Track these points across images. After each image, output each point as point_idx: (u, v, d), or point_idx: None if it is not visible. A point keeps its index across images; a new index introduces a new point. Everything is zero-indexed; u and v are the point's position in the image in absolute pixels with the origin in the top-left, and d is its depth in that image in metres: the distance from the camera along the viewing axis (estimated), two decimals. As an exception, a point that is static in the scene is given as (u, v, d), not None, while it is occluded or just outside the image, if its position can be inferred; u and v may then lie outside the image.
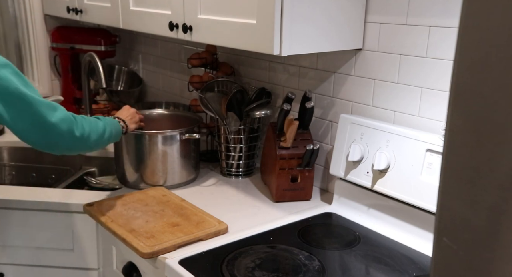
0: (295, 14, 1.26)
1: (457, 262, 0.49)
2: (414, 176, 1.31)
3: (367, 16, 1.43)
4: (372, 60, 1.45)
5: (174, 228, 1.35)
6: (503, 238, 0.45)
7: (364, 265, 1.21)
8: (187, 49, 2.18)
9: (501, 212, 0.45)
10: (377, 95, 1.46)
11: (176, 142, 1.64)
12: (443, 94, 1.31)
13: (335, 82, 1.57)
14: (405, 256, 1.24)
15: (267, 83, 1.81)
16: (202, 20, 1.45)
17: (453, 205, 0.49)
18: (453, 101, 0.47)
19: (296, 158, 1.54)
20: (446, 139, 0.48)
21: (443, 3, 1.26)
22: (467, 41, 0.45)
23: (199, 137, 1.68)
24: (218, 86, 1.82)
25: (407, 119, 1.40)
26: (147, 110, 1.87)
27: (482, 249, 0.47)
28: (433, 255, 0.51)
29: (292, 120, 1.57)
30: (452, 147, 0.48)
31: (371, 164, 1.39)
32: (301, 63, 1.67)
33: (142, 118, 1.65)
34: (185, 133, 1.65)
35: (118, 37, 2.47)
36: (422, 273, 1.17)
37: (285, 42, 1.26)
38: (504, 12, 0.42)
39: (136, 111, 1.63)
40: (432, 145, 1.28)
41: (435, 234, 0.51)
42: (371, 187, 1.42)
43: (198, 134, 1.67)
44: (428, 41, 1.31)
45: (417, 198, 1.31)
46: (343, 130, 1.49)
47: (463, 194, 0.48)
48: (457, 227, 0.49)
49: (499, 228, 0.45)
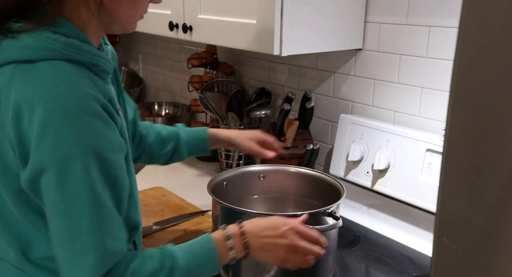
0: (295, 14, 1.26)
1: (457, 262, 0.49)
2: (414, 176, 1.31)
3: (367, 16, 1.43)
4: (372, 60, 1.45)
5: (174, 228, 1.35)
6: (503, 238, 0.45)
7: (364, 265, 1.21)
8: (187, 49, 2.18)
9: (501, 212, 0.45)
10: (377, 95, 1.46)
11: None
12: (443, 94, 1.30)
13: (335, 82, 1.57)
14: (405, 256, 1.24)
15: (267, 83, 1.81)
16: (202, 20, 1.45)
17: (453, 205, 0.49)
18: (453, 101, 0.47)
19: (296, 158, 1.53)
20: (446, 139, 0.48)
21: (443, 3, 1.26)
22: (467, 41, 0.45)
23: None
24: (218, 86, 1.82)
25: (407, 119, 1.40)
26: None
27: (482, 249, 0.47)
28: (433, 255, 0.51)
29: (292, 120, 1.57)
30: (452, 147, 0.48)
31: (371, 164, 1.39)
32: (301, 63, 1.67)
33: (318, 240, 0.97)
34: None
35: (118, 37, 2.47)
36: (422, 273, 1.17)
37: (285, 42, 1.26)
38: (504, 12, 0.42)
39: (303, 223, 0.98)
40: (432, 145, 1.28)
41: (435, 234, 0.51)
42: (371, 187, 1.42)
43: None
44: (428, 41, 1.31)
45: (417, 198, 1.31)
46: (343, 130, 1.49)
47: (463, 194, 0.48)
48: (457, 227, 0.49)
49: (499, 228, 0.45)
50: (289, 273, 1.07)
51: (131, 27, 0.94)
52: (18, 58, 0.78)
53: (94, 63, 0.84)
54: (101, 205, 0.78)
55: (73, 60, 0.80)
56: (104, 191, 0.79)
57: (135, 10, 0.91)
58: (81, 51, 0.81)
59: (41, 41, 0.78)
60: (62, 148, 0.75)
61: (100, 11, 0.86)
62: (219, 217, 1.11)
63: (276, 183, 1.31)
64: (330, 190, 1.19)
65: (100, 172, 0.78)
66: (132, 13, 0.91)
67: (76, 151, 0.75)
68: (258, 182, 1.30)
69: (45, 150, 0.75)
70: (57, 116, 0.75)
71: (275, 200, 1.31)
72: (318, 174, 1.26)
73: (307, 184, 1.28)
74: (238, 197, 1.25)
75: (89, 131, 0.77)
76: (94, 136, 0.78)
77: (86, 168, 0.76)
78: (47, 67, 0.78)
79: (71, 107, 0.76)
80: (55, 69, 0.78)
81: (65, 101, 0.76)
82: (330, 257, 1.12)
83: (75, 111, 0.76)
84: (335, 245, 1.14)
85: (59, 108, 0.75)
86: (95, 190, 0.77)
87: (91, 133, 0.77)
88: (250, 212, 1.08)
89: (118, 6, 0.87)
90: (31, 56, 0.78)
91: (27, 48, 0.78)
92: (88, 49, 0.83)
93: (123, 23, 0.91)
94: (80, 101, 0.77)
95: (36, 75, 0.77)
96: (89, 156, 0.76)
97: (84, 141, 0.76)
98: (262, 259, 0.95)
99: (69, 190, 0.76)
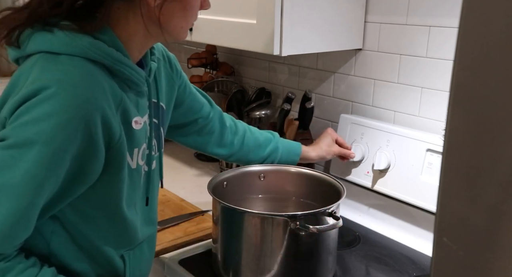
0: (295, 14, 1.26)
1: (457, 262, 0.49)
2: (415, 176, 1.31)
3: (367, 16, 1.43)
4: (372, 60, 1.45)
5: (174, 228, 1.35)
6: (503, 238, 0.45)
7: (364, 265, 1.21)
8: (187, 49, 2.18)
9: (501, 212, 0.45)
10: (377, 95, 1.46)
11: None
12: (443, 94, 1.30)
13: (335, 82, 1.57)
14: (405, 256, 1.24)
15: (267, 83, 1.81)
16: (202, 20, 1.45)
17: (453, 205, 0.49)
18: (453, 101, 0.47)
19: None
20: (446, 139, 0.48)
21: (443, 3, 1.26)
22: (467, 41, 0.45)
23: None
24: (218, 86, 1.82)
25: (407, 119, 1.40)
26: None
27: (482, 249, 0.47)
28: (433, 255, 0.51)
29: (292, 120, 1.57)
30: (452, 147, 0.48)
31: (372, 164, 1.39)
32: (301, 63, 1.67)
33: None
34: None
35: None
36: (422, 273, 1.17)
37: (285, 42, 1.26)
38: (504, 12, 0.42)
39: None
40: (432, 145, 1.28)
41: (435, 234, 0.51)
42: (371, 187, 1.42)
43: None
44: (428, 41, 1.31)
45: (417, 198, 1.31)
46: (343, 130, 1.49)
47: (463, 194, 0.48)
48: (457, 227, 0.49)
49: (499, 228, 0.45)
50: (289, 273, 1.07)
51: (183, 36, 0.95)
52: (45, 49, 0.81)
53: (118, 69, 0.85)
54: (34, 196, 0.78)
55: (95, 61, 0.82)
56: (40, 187, 0.78)
57: (186, 21, 0.92)
58: (104, 53, 0.82)
59: (71, 38, 0.81)
60: (33, 131, 0.76)
61: (150, 23, 0.87)
62: (219, 217, 1.11)
63: (276, 183, 1.31)
64: (330, 190, 1.19)
65: (49, 170, 0.78)
66: (183, 24, 0.92)
67: (43, 140, 0.76)
68: (258, 182, 1.30)
69: (19, 123, 0.77)
70: (48, 105, 0.76)
71: (275, 200, 1.31)
72: (318, 174, 1.26)
73: (307, 184, 1.28)
74: (238, 197, 1.25)
75: (66, 132, 0.77)
76: (68, 137, 0.78)
77: (38, 159, 0.76)
78: (67, 61, 0.80)
79: (68, 106, 0.77)
80: (72, 64, 0.80)
81: (65, 98, 0.77)
82: (330, 257, 1.12)
83: (69, 111, 0.77)
84: (335, 245, 1.14)
85: (56, 101, 0.77)
86: (34, 181, 0.77)
87: (67, 134, 0.78)
88: (250, 212, 1.08)
89: (170, 19, 0.88)
90: (57, 49, 0.80)
91: (55, 41, 0.81)
92: (111, 53, 0.83)
93: (174, 34, 0.92)
94: (80, 105, 0.78)
95: (52, 65, 0.80)
96: (47, 149, 0.77)
97: (55, 137, 0.77)
98: None
99: (11, 170, 0.76)
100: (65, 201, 0.85)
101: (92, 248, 0.93)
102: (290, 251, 1.06)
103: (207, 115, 1.24)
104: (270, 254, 1.06)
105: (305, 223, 1.01)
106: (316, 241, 1.08)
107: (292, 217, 1.02)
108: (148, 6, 0.85)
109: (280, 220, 1.03)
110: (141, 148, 0.94)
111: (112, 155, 0.85)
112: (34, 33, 0.83)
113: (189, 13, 0.91)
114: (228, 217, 1.10)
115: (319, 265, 1.10)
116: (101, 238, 0.93)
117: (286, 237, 1.04)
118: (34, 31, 0.83)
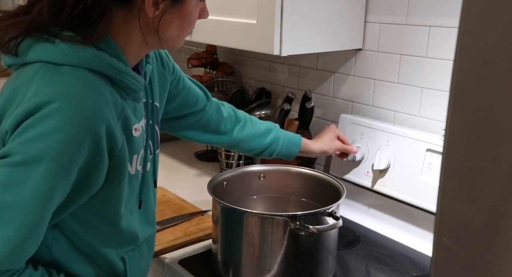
0: (295, 14, 1.26)
1: (457, 262, 0.49)
2: (414, 176, 1.31)
3: (367, 16, 1.43)
4: (372, 60, 1.45)
5: (174, 228, 1.35)
6: (503, 238, 0.45)
7: (364, 265, 1.21)
8: (187, 49, 2.18)
9: (501, 212, 0.45)
10: (377, 95, 1.46)
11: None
12: (443, 94, 1.30)
13: (335, 82, 1.57)
14: (405, 256, 1.24)
15: (267, 83, 1.81)
16: (202, 20, 1.45)
17: (453, 205, 0.49)
18: (453, 101, 0.47)
19: (296, 158, 1.53)
20: (446, 139, 0.48)
21: (443, 3, 1.26)
22: (467, 41, 0.45)
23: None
24: (218, 86, 1.82)
25: (407, 119, 1.40)
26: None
27: (482, 249, 0.47)
28: (433, 255, 0.51)
29: (292, 120, 1.57)
30: (452, 147, 0.48)
31: (371, 164, 1.39)
32: (301, 63, 1.67)
33: None
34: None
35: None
36: (422, 273, 1.17)
37: (285, 42, 1.26)
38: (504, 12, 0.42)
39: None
40: (432, 145, 1.28)
41: (435, 234, 0.51)
42: (371, 187, 1.42)
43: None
44: (428, 41, 1.31)
45: (417, 198, 1.31)
46: (343, 130, 1.49)
47: (463, 194, 0.48)
48: (457, 227, 0.49)
49: (499, 228, 0.45)
50: (289, 273, 1.07)
51: (179, 45, 0.95)
52: (46, 59, 0.80)
53: (119, 79, 0.85)
54: (42, 213, 0.77)
55: (97, 71, 0.81)
56: (49, 201, 0.78)
57: (183, 31, 0.92)
58: (107, 64, 0.82)
59: (73, 48, 0.80)
60: (40, 147, 0.75)
61: (148, 32, 0.87)
62: (219, 217, 1.11)
63: (276, 183, 1.31)
64: (330, 190, 1.19)
65: (57, 184, 0.77)
66: (180, 33, 0.92)
67: (50, 156, 0.75)
68: (258, 182, 1.30)
69: (24, 139, 0.75)
70: (54, 120, 0.75)
71: (275, 200, 1.31)
72: (318, 174, 1.26)
73: (307, 184, 1.28)
74: (238, 197, 1.25)
75: (73, 146, 0.77)
76: (76, 151, 0.77)
77: (47, 175, 0.75)
78: (69, 72, 0.79)
79: (74, 120, 0.76)
80: (75, 76, 0.79)
81: (71, 112, 0.76)
82: (330, 257, 1.13)
83: (75, 125, 0.76)
84: (335, 245, 1.14)
85: (62, 116, 0.75)
86: (44, 196, 0.76)
87: (74, 148, 0.77)
88: (250, 212, 1.08)
89: (168, 29, 0.88)
90: (58, 59, 0.79)
91: (57, 51, 0.79)
92: (113, 64, 0.83)
93: (170, 43, 0.92)
94: (86, 117, 0.77)
95: (55, 77, 0.78)
96: (56, 165, 0.76)
97: (63, 152, 0.76)
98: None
99: (20, 187, 0.75)
100: (68, 210, 0.85)
101: (93, 252, 0.93)
102: (290, 251, 1.06)
103: (202, 108, 1.22)
104: (270, 254, 1.06)
105: (305, 223, 1.01)
106: (316, 241, 1.08)
107: (292, 217, 1.02)
108: (146, 16, 0.85)
109: (280, 220, 1.03)
110: (139, 154, 0.94)
111: (114, 164, 0.85)
112: (35, 44, 0.81)
113: (186, 24, 0.91)
114: (228, 217, 1.10)
115: (319, 265, 1.10)
116: (101, 242, 0.94)
117: (286, 237, 1.04)
118: (35, 42, 0.81)
